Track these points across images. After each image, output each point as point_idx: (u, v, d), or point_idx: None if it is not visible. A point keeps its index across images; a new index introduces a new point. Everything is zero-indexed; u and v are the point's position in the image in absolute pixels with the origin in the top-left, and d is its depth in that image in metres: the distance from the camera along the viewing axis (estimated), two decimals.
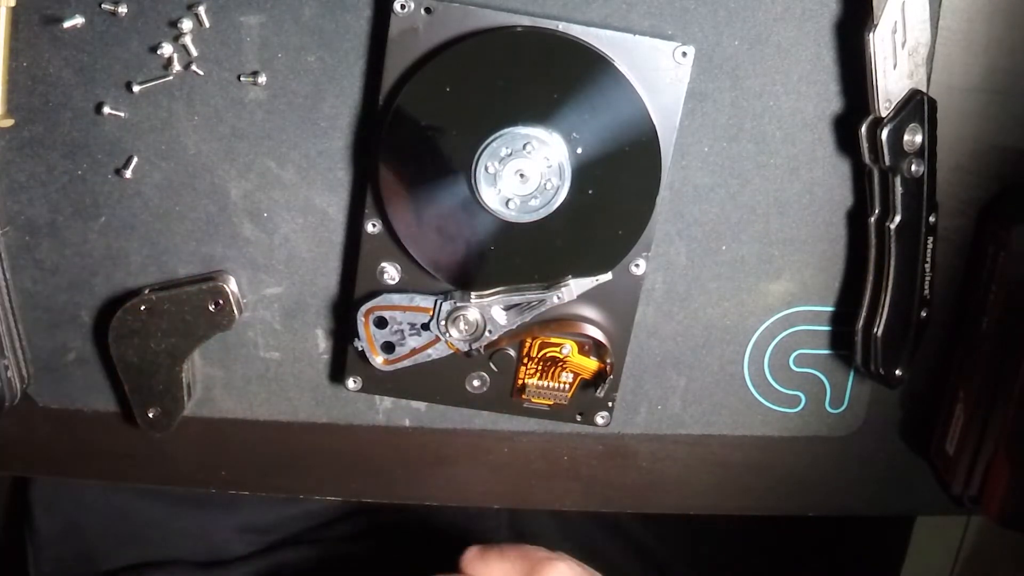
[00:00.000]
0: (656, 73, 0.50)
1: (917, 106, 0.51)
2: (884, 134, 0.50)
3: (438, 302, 0.53)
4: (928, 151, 0.51)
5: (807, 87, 0.53)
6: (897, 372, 0.56)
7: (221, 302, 0.55)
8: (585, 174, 0.51)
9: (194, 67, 0.51)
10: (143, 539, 0.76)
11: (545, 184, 0.51)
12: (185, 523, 0.76)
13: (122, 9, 0.50)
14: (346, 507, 0.80)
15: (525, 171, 0.50)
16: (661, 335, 0.58)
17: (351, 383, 0.57)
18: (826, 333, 0.59)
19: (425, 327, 0.54)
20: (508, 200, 0.51)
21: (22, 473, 0.63)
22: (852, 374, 0.60)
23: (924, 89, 0.51)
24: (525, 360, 0.56)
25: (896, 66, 0.50)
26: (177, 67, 0.51)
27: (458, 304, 0.53)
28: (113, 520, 0.75)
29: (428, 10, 0.49)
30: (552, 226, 0.52)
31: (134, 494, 0.75)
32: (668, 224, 0.56)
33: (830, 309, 0.58)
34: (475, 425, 0.60)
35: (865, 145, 0.52)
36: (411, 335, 0.54)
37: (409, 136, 0.51)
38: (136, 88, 0.51)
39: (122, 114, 0.52)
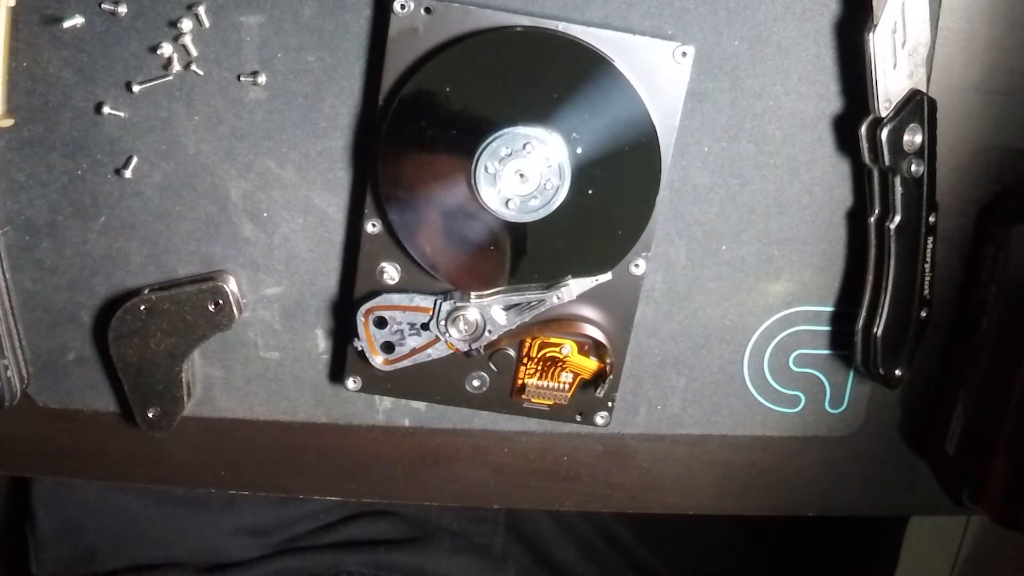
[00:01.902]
0: (656, 73, 0.50)
1: (917, 106, 0.51)
2: (884, 134, 0.50)
3: (438, 302, 0.53)
4: (928, 151, 0.51)
5: (807, 87, 0.53)
6: (897, 372, 0.56)
7: (221, 302, 0.55)
8: (585, 174, 0.51)
9: (194, 67, 0.51)
10: (143, 539, 0.76)
11: (545, 184, 0.50)
12: (185, 523, 0.76)
13: (122, 9, 0.50)
14: (345, 510, 0.80)
15: (525, 171, 0.50)
16: (661, 335, 0.58)
17: (351, 383, 0.57)
18: (826, 333, 0.59)
19: (425, 327, 0.54)
20: (508, 200, 0.51)
21: (22, 473, 0.63)
22: (852, 374, 0.60)
23: (924, 89, 0.51)
24: (525, 360, 0.56)
25: (896, 66, 0.50)
26: (177, 67, 0.51)
27: (458, 304, 0.53)
28: (113, 520, 0.75)
29: (428, 10, 0.49)
30: (552, 226, 0.52)
31: (134, 494, 0.75)
32: (668, 224, 0.56)
33: (830, 309, 0.58)
34: (475, 425, 0.60)
35: (865, 145, 0.52)
36: (411, 335, 0.54)
37: (409, 136, 0.51)
38: (136, 88, 0.51)
39: (122, 114, 0.52)
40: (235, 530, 0.77)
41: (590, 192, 0.51)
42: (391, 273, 0.54)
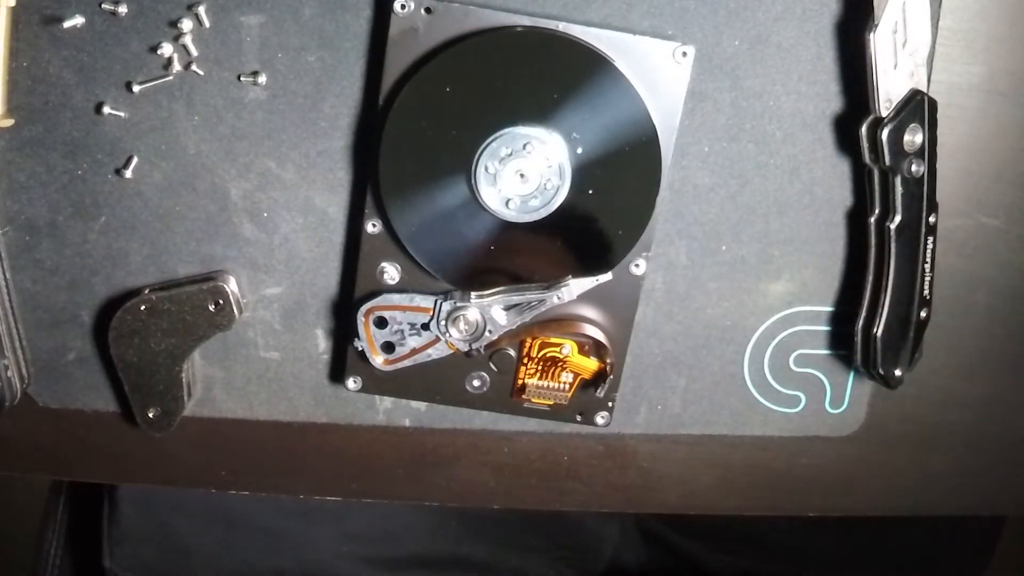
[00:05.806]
0: (656, 73, 0.50)
1: (917, 106, 0.51)
2: (884, 134, 0.50)
3: (438, 302, 0.53)
4: (928, 151, 0.51)
5: (807, 87, 0.53)
6: (897, 372, 0.56)
7: (221, 302, 0.55)
8: (585, 174, 0.51)
9: (194, 67, 0.51)
10: (246, 548, 0.74)
11: (545, 184, 0.50)
12: (289, 529, 0.74)
13: (122, 9, 0.50)
14: (457, 533, 0.78)
15: (525, 171, 0.50)
16: (661, 335, 0.58)
17: (351, 383, 0.57)
18: (826, 333, 0.59)
19: (425, 327, 0.54)
20: (508, 200, 0.51)
21: (22, 473, 0.63)
22: (852, 374, 0.60)
23: (924, 89, 0.51)
24: (525, 360, 0.56)
25: (896, 66, 0.50)
26: (177, 67, 0.51)
27: (458, 304, 0.53)
28: (214, 524, 0.74)
29: (428, 10, 0.49)
30: (552, 226, 0.52)
31: (237, 499, 0.73)
32: (668, 224, 0.56)
33: (830, 309, 0.58)
34: (475, 425, 0.60)
35: (865, 145, 0.52)
36: (411, 335, 0.54)
37: (409, 136, 0.51)
38: (136, 88, 0.51)
39: (122, 114, 0.52)
40: (341, 539, 0.75)
41: (590, 192, 0.51)
42: (391, 273, 0.54)
